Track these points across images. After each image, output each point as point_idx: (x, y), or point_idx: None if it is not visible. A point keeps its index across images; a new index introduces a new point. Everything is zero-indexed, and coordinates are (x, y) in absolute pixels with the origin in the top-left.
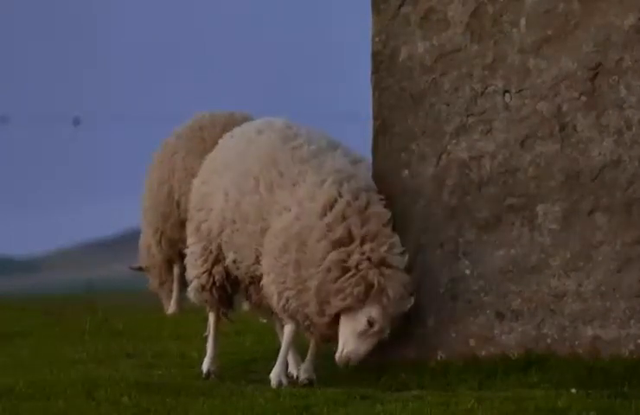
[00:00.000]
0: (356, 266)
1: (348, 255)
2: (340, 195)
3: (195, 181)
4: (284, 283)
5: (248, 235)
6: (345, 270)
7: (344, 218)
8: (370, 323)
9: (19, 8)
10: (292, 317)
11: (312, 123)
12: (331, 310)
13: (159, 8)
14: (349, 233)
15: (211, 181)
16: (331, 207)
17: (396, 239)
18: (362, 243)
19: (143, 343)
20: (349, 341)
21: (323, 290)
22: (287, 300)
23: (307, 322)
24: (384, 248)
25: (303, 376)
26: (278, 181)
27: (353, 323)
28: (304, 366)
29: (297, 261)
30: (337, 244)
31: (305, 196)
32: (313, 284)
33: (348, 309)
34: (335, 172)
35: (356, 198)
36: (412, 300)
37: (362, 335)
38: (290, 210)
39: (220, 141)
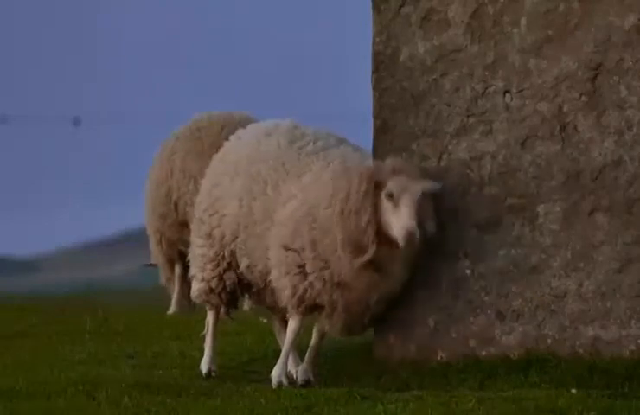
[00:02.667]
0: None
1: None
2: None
3: (205, 183)
4: (299, 274)
5: (258, 237)
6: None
7: (346, 178)
8: (389, 195)
9: (19, 8)
10: (310, 308)
11: (312, 123)
12: (369, 233)
13: (159, 8)
14: (347, 177)
15: (222, 184)
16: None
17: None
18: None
19: (143, 343)
20: (393, 226)
21: (349, 232)
22: (307, 289)
23: (336, 293)
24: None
25: (300, 377)
26: (284, 178)
27: (384, 215)
28: (301, 367)
29: (313, 241)
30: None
31: (311, 181)
32: (338, 241)
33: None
34: (340, 156)
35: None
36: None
37: (394, 210)
38: (295, 197)
39: (227, 143)
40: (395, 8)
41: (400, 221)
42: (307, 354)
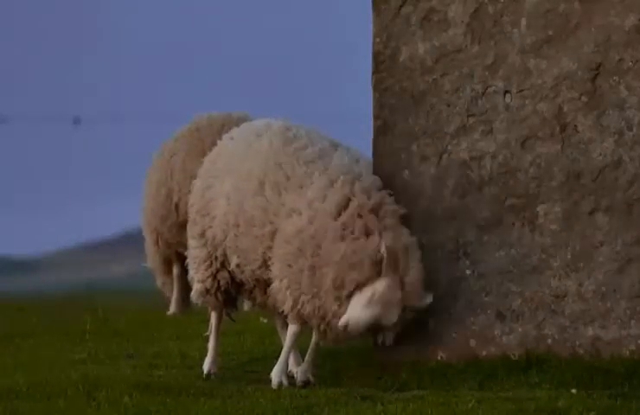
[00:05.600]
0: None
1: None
2: (353, 194)
3: (197, 184)
4: (299, 288)
5: (254, 238)
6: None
7: (360, 216)
8: (373, 293)
9: (19, 7)
10: (306, 320)
11: (312, 123)
12: (347, 289)
13: (160, 8)
14: (367, 228)
15: (214, 186)
16: (345, 206)
17: (413, 238)
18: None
19: (143, 343)
20: (353, 308)
21: (338, 277)
22: (303, 304)
23: (323, 324)
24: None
25: (299, 378)
26: (284, 184)
27: (360, 295)
28: (301, 367)
29: (312, 266)
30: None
31: (316, 198)
32: (329, 277)
33: (361, 286)
34: (343, 172)
35: (369, 196)
36: (429, 298)
37: (367, 304)
38: (300, 213)
39: (220, 142)
40: (395, 8)
41: (352, 311)
42: (307, 354)
